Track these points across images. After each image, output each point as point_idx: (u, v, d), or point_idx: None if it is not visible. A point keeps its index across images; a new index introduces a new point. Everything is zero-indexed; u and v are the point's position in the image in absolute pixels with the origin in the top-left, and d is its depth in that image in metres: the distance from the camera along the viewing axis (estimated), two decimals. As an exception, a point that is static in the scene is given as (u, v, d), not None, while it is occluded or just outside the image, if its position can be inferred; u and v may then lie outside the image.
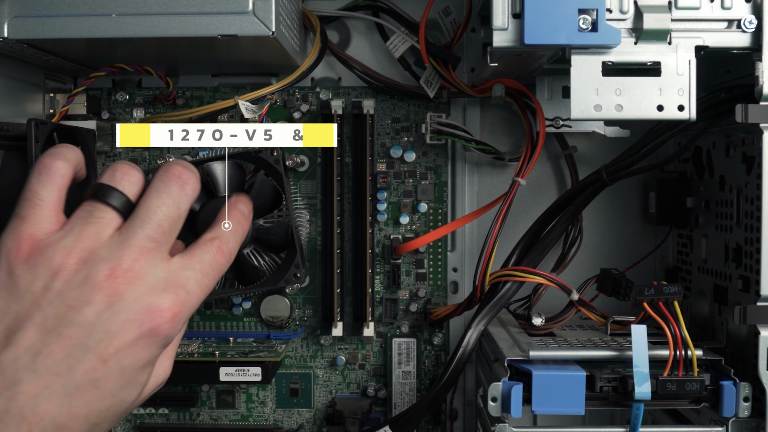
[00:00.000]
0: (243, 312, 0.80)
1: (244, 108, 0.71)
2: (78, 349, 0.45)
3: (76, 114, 0.77)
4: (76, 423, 0.45)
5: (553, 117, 0.73)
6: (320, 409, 0.81)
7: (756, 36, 0.57)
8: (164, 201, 0.49)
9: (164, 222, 0.49)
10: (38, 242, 0.47)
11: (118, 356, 0.45)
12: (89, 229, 0.47)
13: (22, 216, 0.48)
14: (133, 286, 0.46)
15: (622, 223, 0.81)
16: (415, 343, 0.80)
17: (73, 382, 0.44)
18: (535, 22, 0.54)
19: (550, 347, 0.62)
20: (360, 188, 0.76)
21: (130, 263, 0.46)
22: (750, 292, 0.61)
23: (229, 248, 0.54)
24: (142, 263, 0.47)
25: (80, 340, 0.45)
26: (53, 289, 0.45)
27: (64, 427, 0.44)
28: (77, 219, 0.48)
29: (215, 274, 0.52)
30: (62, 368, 0.44)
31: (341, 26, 0.80)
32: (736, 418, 0.59)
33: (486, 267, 0.68)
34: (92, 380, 0.45)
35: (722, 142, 0.67)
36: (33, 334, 0.45)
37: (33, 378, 0.44)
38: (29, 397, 0.43)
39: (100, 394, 0.45)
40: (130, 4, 0.60)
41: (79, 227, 0.47)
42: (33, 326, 0.45)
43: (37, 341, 0.44)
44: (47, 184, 0.49)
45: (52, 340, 0.44)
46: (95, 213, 0.48)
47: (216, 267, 0.52)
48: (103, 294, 0.45)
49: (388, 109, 0.79)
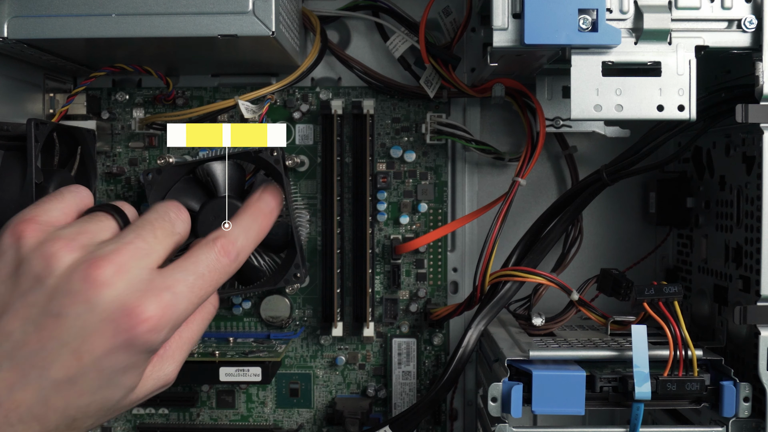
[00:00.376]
0: (243, 312, 0.80)
1: (244, 108, 0.71)
2: (54, 342, 0.44)
3: (76, 114, 0.77)
4: (54, 415, 0.44)
5: (553, 117, 0.73)
6: (320, 410, 0.81)
7: (756, 36, 0.57)
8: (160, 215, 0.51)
9: (158, 231, 0.49)
10: (40, 225, 0.47)
11: (94, 356, 0.44)
12: (89, 227, 0.48)
13: (36, 204, 0.50)
14: (114, 282, 0.45)
15: (622, 223, 0.81)
16: (415, 343, 0.79)
17: (48, 375, 0.44)
18: (535, 22, 0.54)
19: (550, 347, 0.62)
20: (360, 188, 0.76)
21: (116, 259, 0.46)
22: (750, 292, 0.61)
23: (236, 247, 0.52)
24: (129, 262, 0.46)
25: (56, 333, 0.44)
26: (39, 277, 0.45)
27: (42, 416, 0.44)
28: (80, 220, 0.50)
29: (215, 276, 0.50)
30: (38, 360, 0.44)
31: (341, 26, 0.80)
32: (736, 419, 0.59)
33: (486, 267, 0.68)
34: (68, 377, 0.44)
35: (722, 142, 0.67)
36: (13, 322, 0.44)
37: (10, 366, 0.44)
38: (6, 384, 0.43)
39: (78, 390, 0.45)
40: (130, 4, 0.60)
41: (80, 224, 0.48)
42: (14, 314, 0.45)
43: (17, 329, 0.44)
44: (74, 192, 0.51)
45: (31, 329, 0.44)
46: (97, 217, 0.50)
47: (217, 269, 0.50)
48: (83, 287, 0.44)
49: (388, 109, 0.79)
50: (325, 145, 0.76)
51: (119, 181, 0.80)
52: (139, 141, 0.79)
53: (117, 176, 0.79)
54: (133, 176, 0.80)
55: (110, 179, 0.80)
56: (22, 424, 0.43)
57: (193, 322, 0.52)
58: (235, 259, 0.52)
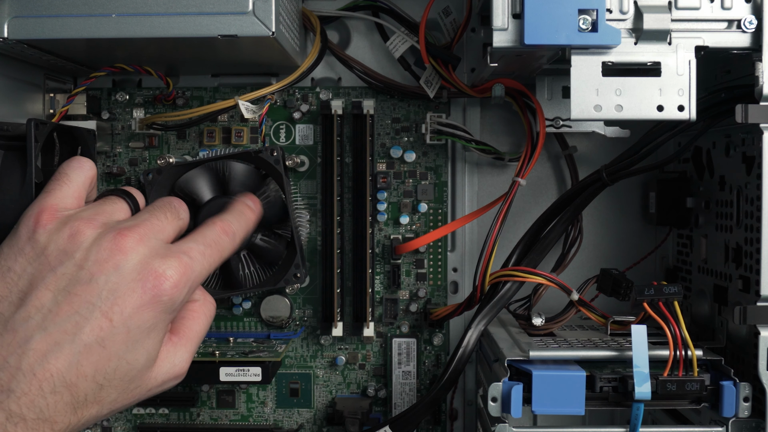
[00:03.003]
0: (243, 312, 0.80)
1: (244, 108, 0.71)
2: (85, 306, 0.47)
3: (76, 114, 0.77)
4: (83, 382, 0.47)
5: (553, 117, 0.73)
6: (320, 409, 0.81)
7: (756, 36, 0.57)
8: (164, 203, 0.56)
9: (168, 213, 0.55)
10: (58, 212, 0.51)
11: (124, 315, 0.48)
12: (105, 208, 0.53)
13: (48, 191, 0.53)
14: (138, 248, 0.50)
15: (622, 223, 0.81)
16: (415, 343, 0.80)
17: (80, 339, 0.47)
18: (535, 22, 0.54)
19: (550, 347, 0.62)
20: (360, 188, 0.76)
21: (137, 230, 0.51)
22: (750, 292, 0.61)
23: (233, 229, 0.58)
24: (148, 233, 0.51)
25: (87, 298, 0.47)
26: (66, 251, 0.49)
27: (72, 385, 0.46)
28: (95, 202, 0.55)
29: (218, 249, 0.56)
30: (70, 325, 0.47)
31: (341, 26, 0.80)
32: (736, 418, 0.59)
33: (486, 267, 0.68)
34: (99, 339, 0.47)
35: (722, 142, 0.67)
36: (44, 294, 0.48)
37: (42, 335, 0.46)
38: (39, 354, 0.46)
39: (107, 353, 0.47)
40: (130, 4, 0.60)
41: (96, 206, 0.53)
42: (44, 287, 0.48)
43: (48, 301, 0.47)
44: (78, 170, 0.55)
45: (62, 299, 0.47)
46: (111, 199, 0.55)
47: (219, 243, 0.56)
48: (110, 253, 0.49)
49: (388, 109, 0.79)
50: (325, 145, 0.76)
51: (119, 181, 0.80)
52: (139, 141, 0.79)
53: (117, 176, 0.79)
54: (133, 176, 0.80)
55: (110, 179, 0.80)
56: (55, 394, 0.46)
57: (199, 316, 0.55)
58: (233, 239, 0.58)
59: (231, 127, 0.79)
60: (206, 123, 0.78)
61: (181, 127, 0.78)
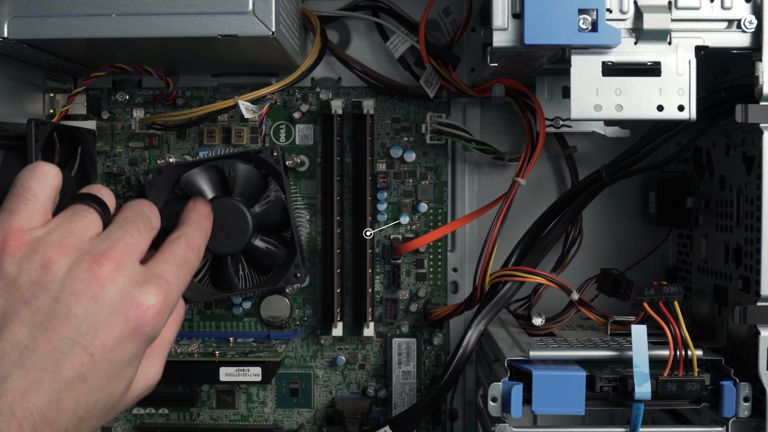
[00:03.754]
0: (243, 312, 0.80)
1: (244, 108, 0.71)
2: (65, 342, 0.45)
3: (76, 114, 0.77)
4: (64, 417, 0.45)
5: (553, 117, 0.73)
6: (320, 409, 0.81)
7: (756, 36, 0.57)
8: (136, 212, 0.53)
9: (141, 226, 0.52)
10: (26, 237, 0.48)
11: (105, 349, 0.46)
12: (75, 226, 0.49)
13: (12, 210, 0.49)
14: (116, 278, 0.47)
15: (622, 223, 0.81)
16: (415, 343, 0.79)
17: (60, 376, 0.45)
18: (535, 22, 0.54)
19: (550, 347, 0.62)
20: (360, 188, 0.76)
21: (112, 256, 0.48)
22: (750, 292, 0.61)
23: (196, 243, 0.57)
24: (123, 258, 0.48)
25: (66, 333, 0.45)
26: (40, 283, 0.46)
27: (53, 421, 0.44)
28: (63, 217, 0.50)
29: (189, 267, 0.54)
30: (50, 362, 0.44)
31: (341, 26, 0.80)
32: (736, 418, 0.59)
33: (486, 267, 0.68)
34: (80, 374, 0.45)
35: (722, 142, 0.67)
36: (20, 330, 0.45)
37: (21, 374, 0.44)
38: (17, 393, 0.43)
39: (88, 387, 0.46)
40: (130, 4, 0.60)
41: (65, 224, 0.49)
42: (19, 322, 0.45)
43: (25, 337, 0.45)
44: (42, 181, 0.50)
45: (39, 334, 0.45)
46: (80, 212, 0.50)
47: (188, 261, 0.54)
48: (86, 285, 0.46)
49: (388, 109, 0.79)
50: (325, 145, 0.76)
51: (119, 181, 0.80)
52: (139, 141, 0.79)
53: (117, 176, 0.79)
54: (133, 176, 0.80)
55: (110, 179, 0.80)
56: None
57: (170, 324, 0.54)
58: (198, 255, 0.56)
59: (231, 127, 0.79)
60: (206, 123, 0.78)
61: (181, 127, 0.78)
